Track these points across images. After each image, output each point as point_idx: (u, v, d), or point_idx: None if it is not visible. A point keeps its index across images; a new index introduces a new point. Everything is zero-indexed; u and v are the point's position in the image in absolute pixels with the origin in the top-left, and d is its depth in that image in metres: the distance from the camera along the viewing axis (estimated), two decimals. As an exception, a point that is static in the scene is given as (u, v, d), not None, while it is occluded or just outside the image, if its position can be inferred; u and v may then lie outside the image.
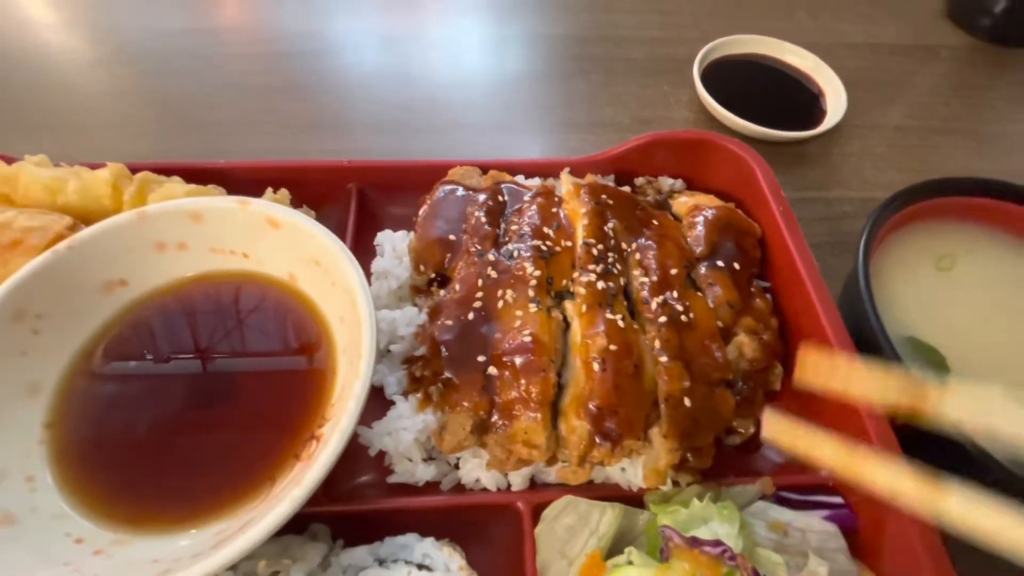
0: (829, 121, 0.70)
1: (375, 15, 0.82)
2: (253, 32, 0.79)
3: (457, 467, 0.41)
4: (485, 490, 0.40)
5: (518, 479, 0.39)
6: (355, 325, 0.38)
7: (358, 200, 0.53)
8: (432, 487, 0.41)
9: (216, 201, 0.41)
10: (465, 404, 0.38)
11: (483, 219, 0.44)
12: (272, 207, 0.41)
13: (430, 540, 0.35)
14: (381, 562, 0.34)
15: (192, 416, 0.39)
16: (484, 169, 0.52)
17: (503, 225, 0.45)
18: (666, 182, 0.53)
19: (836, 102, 0.72)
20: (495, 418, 0.38)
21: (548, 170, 0.54)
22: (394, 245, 0.48)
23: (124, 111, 0.68)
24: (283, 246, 0.42)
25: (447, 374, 0.39)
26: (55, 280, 0.38)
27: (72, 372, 0.39)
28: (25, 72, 0.70)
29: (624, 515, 0.37)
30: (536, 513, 0.38)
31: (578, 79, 0.76)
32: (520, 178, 0.51)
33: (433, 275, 0.44)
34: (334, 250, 0.39)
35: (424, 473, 0.40)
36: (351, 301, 0.38)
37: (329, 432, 0.36)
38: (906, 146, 0.74)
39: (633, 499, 0.39)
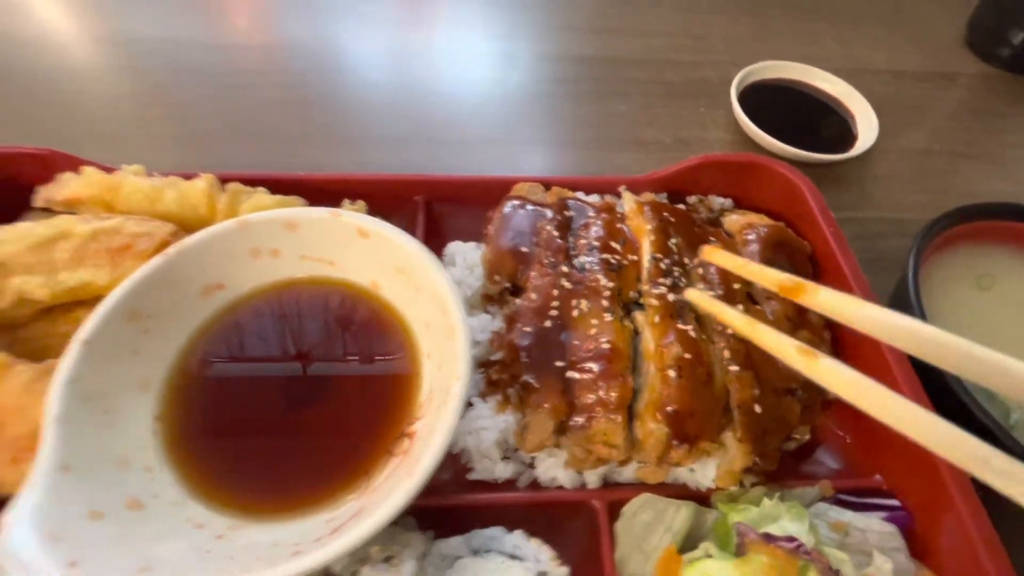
0: (861, 145, 0.73)
1: (410, 32, 0.86)
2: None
3: (531, 466, 0.44)
4: (560, 488, 0.42)
5: (593, 477, 0.42)
6: (444, 330, 0.40)
7: (425, 212, 0.56)
8: (508, 485, 0.43)
9: (310, 211, 0.44)
10: (545, 406, 0.41)
11: (554, 233, 0.47)
12: (362, 218, 0.43)
13: (518, 532, 0.38)
14: (475, 552, 0.36)
15: (286, 412, 0.42)
16: (546, 185, 0.55)
17: (571, 239, 0.48)
18: (716, 201, 0.56)
19: (867, 127, 0.75)
20: (574, 420, 0.41)
21: (604, 187, 0.57)
22: (465, 256, 0.51)
23: (173, 123, 0.71)
24: (369, 255, 0.45)
25: (526, 378, 0.42)
26: (163, 283, 0.41)
27: (176, 369, 0.41)
28: (103, 85, 0.74)
29: (696, 513, 0.40)
30: (611, 510, 0.41)
31: (618, 100, 0.80)
32: (579, 194, 0.55)
33: (507, 284, 0.47)
34: (422, 259, 0.42)
35: (503, 471, 0.42)
36: (441, 308, 0.41)
37: (425, 429, 0.38)
38: (933, 170, 0.78)
39: (700, 498, 0.42)
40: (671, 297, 0.43)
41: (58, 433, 0.33)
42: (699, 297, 0.39)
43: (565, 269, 0.45)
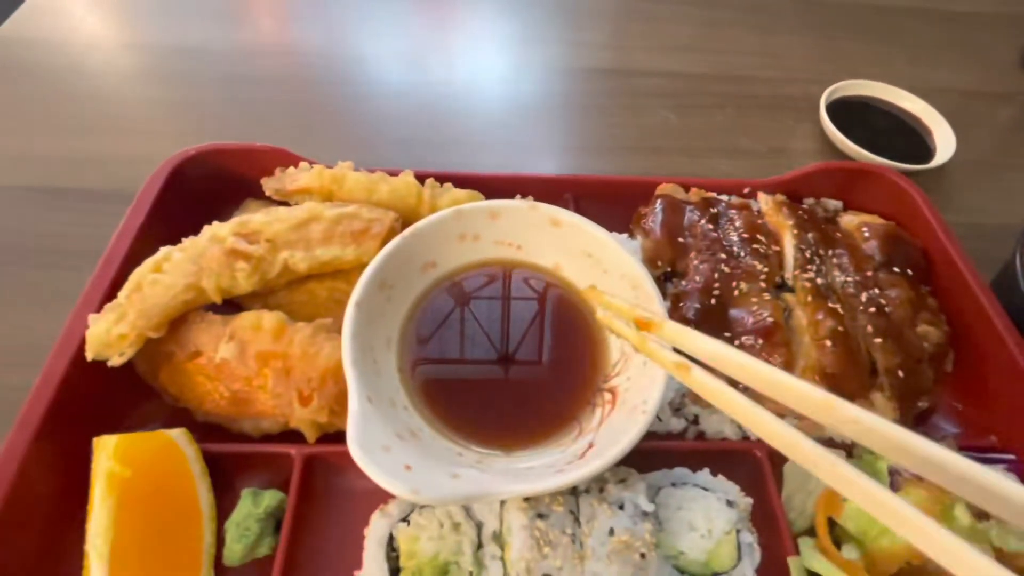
0: (941, 157, 0.81)
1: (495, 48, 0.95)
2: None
3: (695, 422, 0.51)
4: (726, 439, 0.50)
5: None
6: (635, 302, 0.48)
7: (575, 209, 0.64)
8: (677, 436, 0.51)
9: (511, 203, 0.52)
10: (717, 370, 0.48)
11: (708, 226, 0.55)
12: (557, 210, 0.51)
13: (705, 471, 0.45)
14: (673, 485, 0.44)
15: (494, 366, 0.50)
16: (684, 187, 0.63)
17: (719, 232, 0.56)
18: (830, 203, 0.64)
19: (944, 141, 0.83)
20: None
21: (732, 188, 0.65)
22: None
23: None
24: (556, 241, 0.53)
25: (696, 346, 0.50)
26: (400, 259, 0.49)
27: (405, 330, 0.49)
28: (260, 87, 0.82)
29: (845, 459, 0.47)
30: (772, 458, 0.48)
31: (716, 112, 0.88)
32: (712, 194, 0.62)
33: (667, 270, 0.55)
34: (610, 243, 0.50)
35: (676, 425, 0.50)
36: (631, 283, 0.48)
37: (629, 384, 0.46)
38: (1003, 179, 0.85)
39: (846, 449, 0.49)
40: (819, 281, 0.51)
41: (355, 374, 0.41)
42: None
43: (723, 256, 0.53)
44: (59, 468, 0.41)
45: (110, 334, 0.42)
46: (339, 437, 0.46)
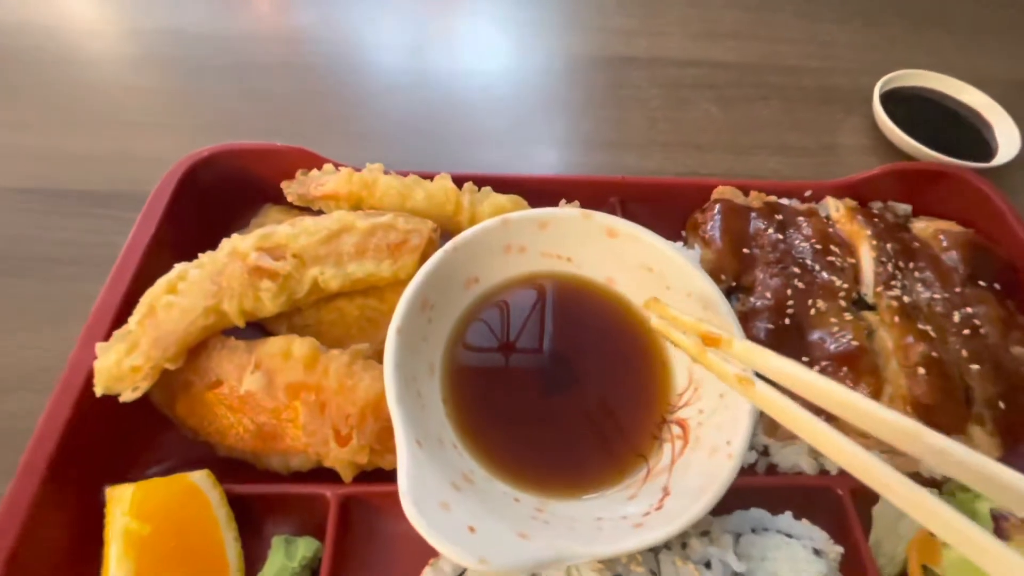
0: (1004, 155, 0.75)
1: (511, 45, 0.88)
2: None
3: (765, 453, 0.47)
4: (801, 473, 0.45)
5: (834, 465, 0.45)
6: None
7: (622, 213, 0.59)
8: (747, 470, 0.46)
9: (562, 212, 0.47)
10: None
11: (777, 236, 0.50)
12: (613, 219, 0.46)
13: (787, 514, 0.41)
14: (753, 530, 0.39)
15: (543, 395, 0.45)
16: (743, 189, 0.58)
17: (788, 242, 0.51)
18: (899, 207, 0.59)
19: (1008, 137, 0.77)
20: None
21: (792, 191, 0.60)
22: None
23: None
24: (611, 253, 0.48)
25: (770, 371, 0.45)
26: (442, 275, 0.44)
27: (448, 355, 0.44)
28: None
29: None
30: (855, 495, 0.44)
31: (760, 104, 0.82)
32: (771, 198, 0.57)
33: (732, 283, 0.50)
34: (676, 257, 0.45)
35: (748, 457, 0.45)
36: (702, 304, 0.43)
37: (704, 417, 0.41)
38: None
39: (935, 486, 0.45)
40: (906, 299, 0.46)
41: (400, 412, 0.36)
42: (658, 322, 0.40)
43: (795, 270, 0.48)
44: (68, 519, 0.36)
45: (121, 366, 0.37)
46: (378, 475, 0.42)
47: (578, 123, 0.76)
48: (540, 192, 0.57)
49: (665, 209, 0.59)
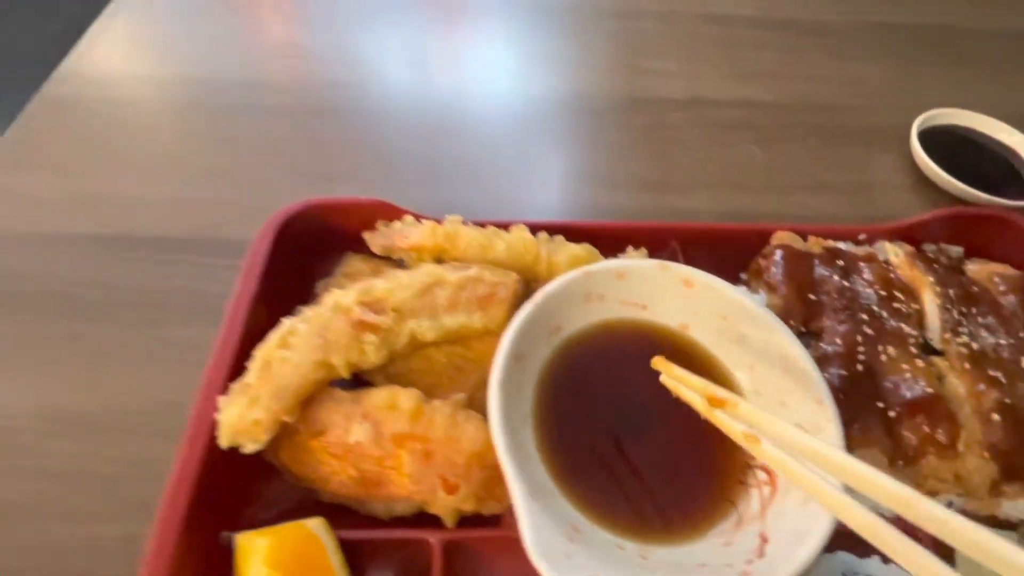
0: (1043, 192, 0.78)
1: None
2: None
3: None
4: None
5: (912, 508, 0.46)
6: (784, 373, 0.45)
7: (683, 257, 0.61)
8: (824, 512, 0.48)
9: (641, 263, 0.49)
10: (871, 445, 0.45)
11: (844, 283, 0.52)
12: (689, 270, 0.48)
13: (874, 559, 0.42)
14: (842, 575, 0.41)
15: (627, 441, 0.47)
16: (801, 234, 0.60)
17: (853, 287, 0.53)
18: (952, 250, 0.61)
19: (1045, 174, 0.80)
20: (901, 459, 0.45)
21: (846, 235, 0.62)
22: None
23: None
24: (687, 301, 0.50)
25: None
26: (531, 327, 0.46)
27: (537, 404, 0.46)
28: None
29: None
30: (937, 540, 0.45)
31: (798, 144, 0.84)
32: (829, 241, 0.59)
33: (802, 330, 0.52)
34: (750, 307, 0.47)
35: (825, 500, 0.47)
36: (779, 353, 0.45)
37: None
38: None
39: (1006, 527, 0.46)
40: (975, 345, 0.48)
41: (511, 465, 0.38)
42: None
43: (864, 316, 0.50)
44: (199, 567, 0.38)
45: (244, 420, 0.39)
46: (477, 520, 0.44)
47: (625, 164, 0.79)
48: (607, 238, 0.59)
49: (724, 253, 0.61)
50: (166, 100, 0.82)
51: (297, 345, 0.42)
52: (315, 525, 0.40)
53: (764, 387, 0.47)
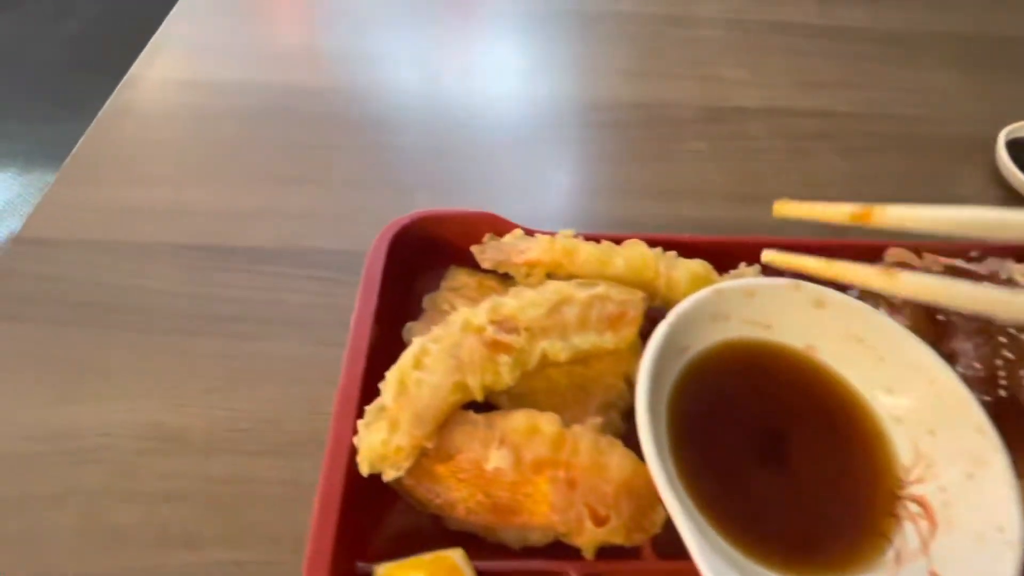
0: None
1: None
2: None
3: None
4: None
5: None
6: (931, 398, 0.43)
7: (775, 272, 0.59)
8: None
9: (772, 281, 0.47)
10: (1024, 474, 0.43)
11: (976, 303, 0.50)
12: (823, 290, 0.47)
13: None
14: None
15: (768, 467, 0.45)
16: (915, 251, 0.58)
17: (983, 308, 0.51)
18: (1056, 268, 0.59)
19: None
20: (1057, 487, 0.43)
21: (957, 252, 0.60)
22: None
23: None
24: (815, 322, 0.48)
25: (991, 444, 0.45)
26: (664, 348, 0.44)
27: (671, 430, 0.44)
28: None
29: None
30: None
31: (877, 155, 0.82)
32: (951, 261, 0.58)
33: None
34: (892, 328, 0.45)
35: (973, 533, 0.45)
36: (927, 378, 0.44)
37: (946, 498, 0.41)
38: None
39: None
40: (1125, 370, 0.46)
41: (676, 503, 0.36)
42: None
43: (1003, 339, 0.48)
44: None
45: (387, 446, 0.37)
46: (612, 551, 0.42)
47: (713, 176, 0.77)
48: (716, 252, 0.57)
49: (831, 269, 0.60)
50: (240, 107, 0.81)
51: (432, 366, 0.40)
52: (458, 556, 0.38)
53: (908, 412, 0.45)
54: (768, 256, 0.43)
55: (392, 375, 0.40)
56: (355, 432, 0.38)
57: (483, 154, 0.79)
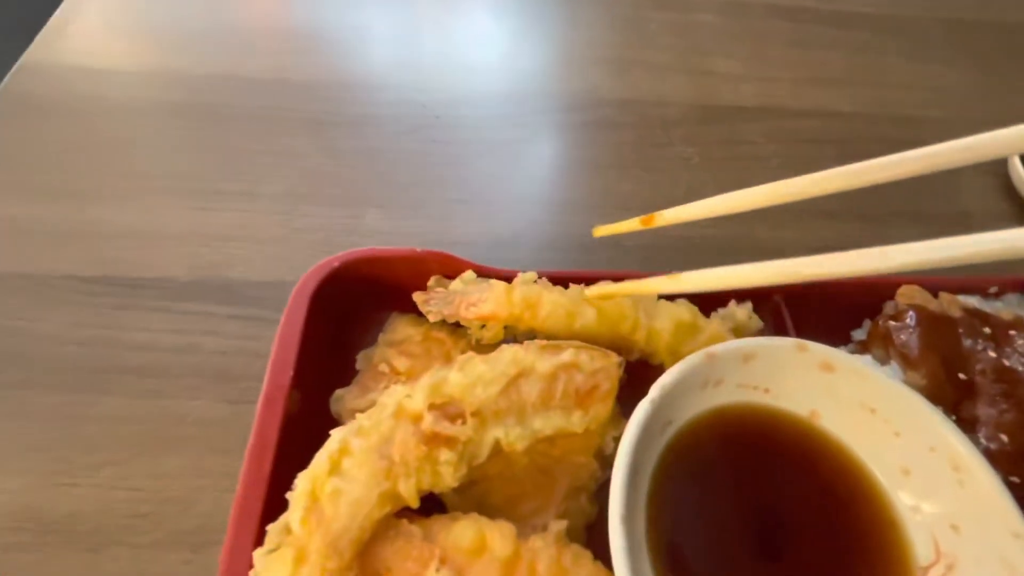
0: None
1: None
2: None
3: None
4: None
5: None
6: (954, 486, 0.37)
7: (789, 314, 0.52)
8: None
9: (774, 342, 0.40)
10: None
11: (1004, 362, 0.44)
12: (832, 353, 0.39)
13: None
14: None
15: (764, 558, 0.38)
16: (931, 290, 0.51)
17: (1011, 364, 0.45)
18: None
19: None
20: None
21: (975, 288, 0.53)
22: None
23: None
24: (821, 387, 0.41)
25: None
26: (645, 431, 0.36)
27: (651, 526, 0.37)
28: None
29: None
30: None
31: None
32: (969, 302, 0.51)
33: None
34: (914, 402, 0.38)
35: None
36: (951, 463, 0.37)
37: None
38: None
39: None
40: None
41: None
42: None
43: (1033, 406, 0.42)
44: None
45: (291, 585, 0.30)
46: None
47: (701, 185, 0.69)
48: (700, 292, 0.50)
49: (836, 309, 0.52)
50: (156, 101, 0.68)
51: (353, 472, 0.32)
52: None
53: (928, 502, 0.39)
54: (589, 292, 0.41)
55: (301, 484, 0.32)
56: (251, 566, 0.31)
57: (445, 163, 0.68)
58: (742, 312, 0.49)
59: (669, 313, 0.44)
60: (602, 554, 0.33)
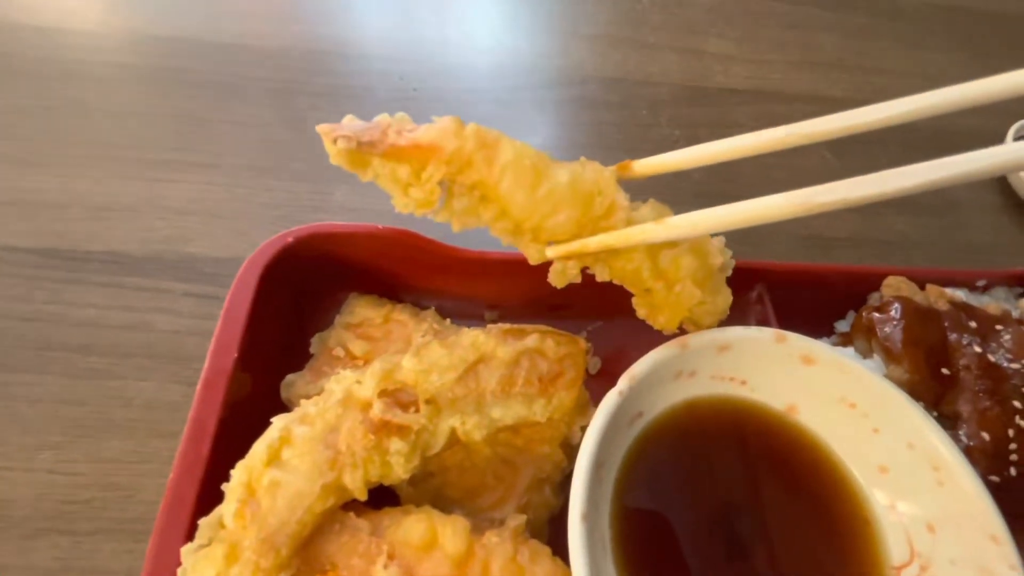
0: None
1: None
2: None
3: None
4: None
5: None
6: (934, 486, 0.35)
7: (771, 303, 0.50)
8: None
9: (751, 332, 0.37)
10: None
11: (988, 357, 0.42)
12: (814, 345, 0.37)
13: None
14: None
15: (734, 556, 0.36)
16: (918, 282, 0.49)
17: (995, 359, 0.43)
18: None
19: None
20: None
21: (963, 281, 0.51)
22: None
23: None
24: (800, 381, 0.39)
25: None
26: (612, 424, 0.34)
27: (616, 522, 0.35)
28: None
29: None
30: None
31: (876, 148, 0.71)
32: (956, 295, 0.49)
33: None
34: (896, 397, 0.36)
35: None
36: (929, 463, 0.35)
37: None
38: None
39: None
40: None
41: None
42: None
43: (1017, 404, 0.41)
44: None
45: (220, 584, 0.28)
46: None
47: (688, 171, 0.66)
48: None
49: (819, 299, 0.50)
50: (110, 63, 0.63)
51: (295, 462, 0.30)
52: None
53: (905, 501, 0.37)
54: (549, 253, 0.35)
55: (237, 476, 0.29)
56: (178, 563, 0.28)
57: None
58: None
59: (655, 208, 0.37)
60: (566, 548, 0.32)
